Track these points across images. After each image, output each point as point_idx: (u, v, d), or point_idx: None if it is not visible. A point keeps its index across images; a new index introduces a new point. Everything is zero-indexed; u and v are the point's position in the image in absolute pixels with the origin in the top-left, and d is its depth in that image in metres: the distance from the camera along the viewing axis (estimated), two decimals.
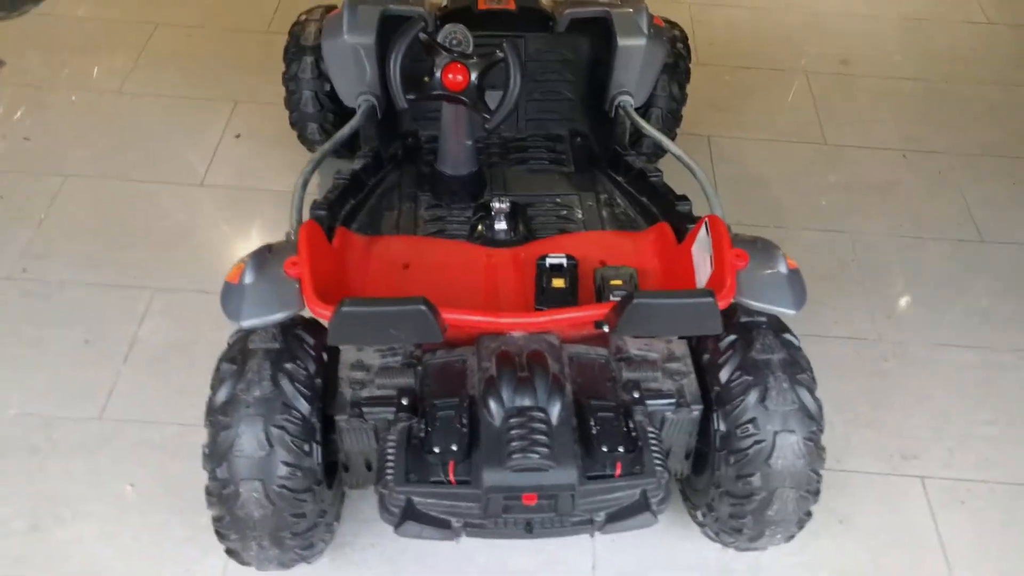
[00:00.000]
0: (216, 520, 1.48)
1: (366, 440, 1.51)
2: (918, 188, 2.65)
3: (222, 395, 1.44)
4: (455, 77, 1.76)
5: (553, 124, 2.31)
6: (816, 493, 1.52)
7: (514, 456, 1.33)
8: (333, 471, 1.60)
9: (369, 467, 1.57)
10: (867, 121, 2.86)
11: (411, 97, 1.78)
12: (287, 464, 1.41)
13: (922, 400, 2.09)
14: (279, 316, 1.42)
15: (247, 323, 1.40)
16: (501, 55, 1.75)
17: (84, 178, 2.51)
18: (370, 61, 2.04)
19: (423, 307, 1.31)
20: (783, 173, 2.67)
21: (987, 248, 2.49)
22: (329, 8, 2.32)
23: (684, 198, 1.89)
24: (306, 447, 1.44)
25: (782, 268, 1.52)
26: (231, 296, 1.44)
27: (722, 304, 1.44)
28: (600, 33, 2.14)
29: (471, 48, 1.88)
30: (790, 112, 2.88)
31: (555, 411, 1.40)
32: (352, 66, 2.05)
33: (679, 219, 1.85)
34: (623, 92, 2.10)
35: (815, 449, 1.49)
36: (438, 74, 1.76)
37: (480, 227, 1.97)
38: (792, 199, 2.59)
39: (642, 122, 2.05)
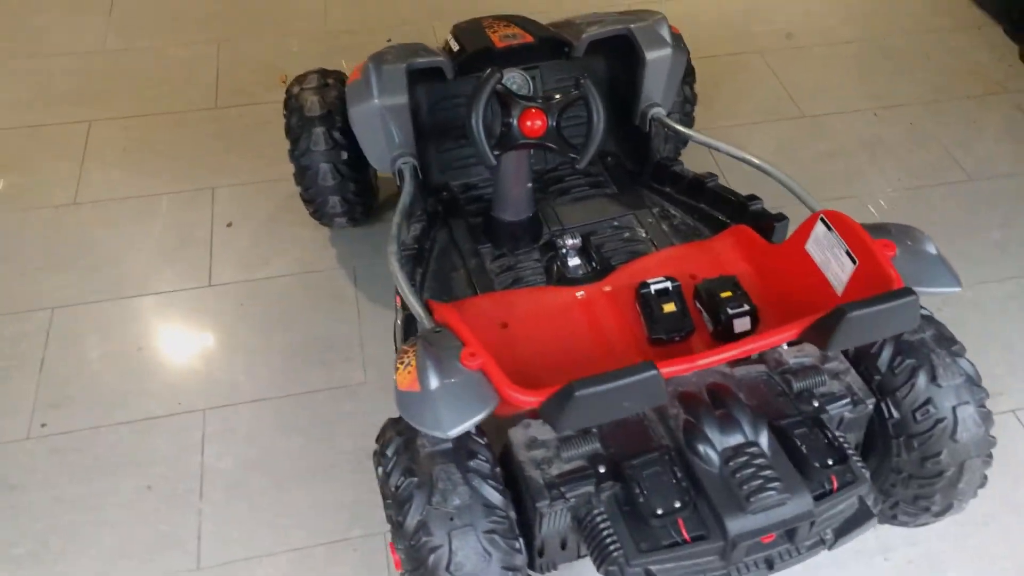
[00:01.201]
0: None
1: (563, 520, 1.42)
2: (899, 141, 2.79)
3: (416, 514, 1.31)
4: (534, 124, 1.69)
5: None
6: (991, 456, 1.56)
7: (752, 498, 1.29)
8: None
9: (563, 546, 1.48)
10: (830, 87, 2.99)
11: (497, 153, 1.69)
12: (507, 568, 1.31)
13: (985, 338, 2.20)
14: (483, 414, 1.30)
15: (455, 431, 1.27)
16: (577, 92, 1.70)
17: (72, 307, 2.24)
18: (404, 121, 1.93)
19: (655, 371, 1.24)
20: (776, 152, 2.74)
21: (977, 185, 2.65)
22: (325, 73, 2.18)
23: (755, 197, 1.90)
24: (516, 544, 1.34)
25: (931, 248, 1.54)
26: (420, 406, 1.30)
27: None
28: (617, 49, 2.11)
29: (531, 90, 1.82)
30: (760, 93, 2.96)
31: (764, 441, 1.37)
32: (386, 130, 1.93)
33: (759, 219, 1.86)
34: (653, 104, 2.09)
35: (987, 413, 1.53)
36: (515, 123, 1.69)
37: (556, 267, 1.92)
38: (794, 175, 2.64)
39: (686, 130, 2.05)
